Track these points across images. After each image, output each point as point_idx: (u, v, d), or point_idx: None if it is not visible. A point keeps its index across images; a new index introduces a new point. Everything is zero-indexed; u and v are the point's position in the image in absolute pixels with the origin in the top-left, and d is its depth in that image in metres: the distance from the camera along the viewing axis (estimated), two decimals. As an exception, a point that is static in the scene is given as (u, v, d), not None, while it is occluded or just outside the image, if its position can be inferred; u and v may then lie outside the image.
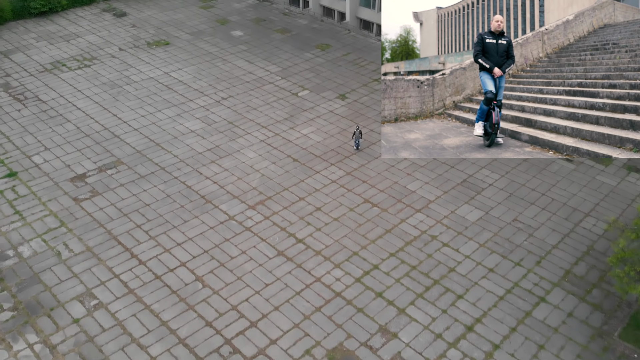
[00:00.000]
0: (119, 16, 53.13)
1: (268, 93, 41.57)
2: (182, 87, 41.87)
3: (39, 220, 28.72)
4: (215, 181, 32.12)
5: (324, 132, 37.09)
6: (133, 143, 35.30)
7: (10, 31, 49.53)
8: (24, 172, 32.23)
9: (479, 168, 33.56)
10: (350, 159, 34.31)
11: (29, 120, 37.10)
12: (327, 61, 46.44)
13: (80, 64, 44.53)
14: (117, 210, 29.65)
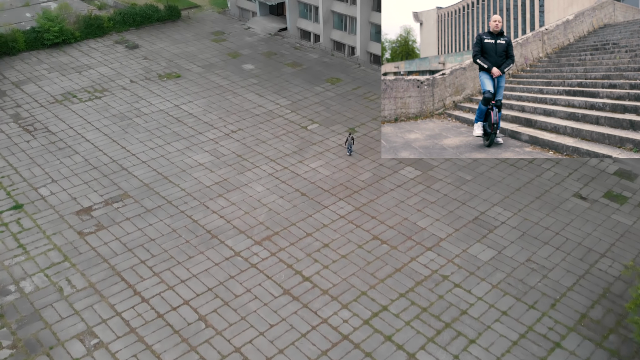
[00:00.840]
0: (131, 48, 53.63)
1: (277, 126, 41.39)
2: (192, 119, 41.82)
3: (42, 254, 28.31)
4: (222, 215, 31.66)
5: (332, 166, 36.67)
6: (141, 176, 35.04)
7: (23, 62, 50.07)
8: (29, 204, 31.97)
9: (491, 205, 32.86)
10: (360, 194, 33.78)
11: (38, 152, 37.05)
12: (337, 95, 46.34)
13: (91, 96, 44.74)
14: (122, 245, 29.19)
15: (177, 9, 60.54)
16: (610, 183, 35.02)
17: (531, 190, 34.27)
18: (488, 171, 36.14)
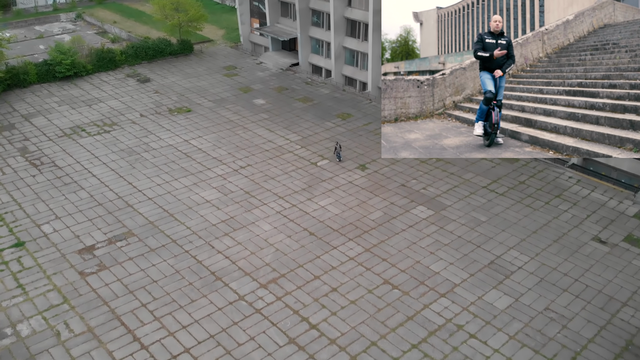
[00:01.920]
0: (142, 82, 53.63)
1: (287, 162, 40.67)
2: (200, 155, 41.24)
3: (41, 295, 27.43)
4: (227, 256, 30.69)
5: (342, 204, 35.73)
6: (146, 213, 34.30)
7: (34, 94, 50.12)
8: (31, 242, 31.25)
9: (507, 248, 31.62)
10: (370, 234, 32.71)
11: (43, 187, 36.53)
12: (348, 130, 45.69)
13: (100, 130, 44.44)
14: (123, 286, 28.24)
15: (190, 43, 60.77)
16: (631, 226, 33.69)
17: (548, 232, 33.02)
18: (503, 212, 34.99)
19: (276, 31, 58.92)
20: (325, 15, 54.46)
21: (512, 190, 37.34)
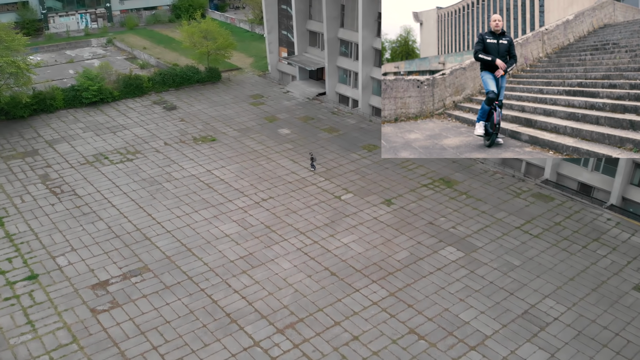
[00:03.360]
0: (169, 109, 53.31)
1: (310, 195, 39.40)
2: (222, 186, 40.28)
3: (50, 333, 26.39)
4: (244, 296, 29.32)
5: (366, 242, 34.17)
6: (163, 247, 33.28)
7: (60, 120, 50.13)
8: (45, 275, 30.43)
9: (542, 297, 29.55)
10: (395, 277, 31.01)
11: (61, 217, 35.89)
12: (374, 163, 44.31)
13: (122, 157, 43.95)
14: (135, 326, 27.05)
15: (218, 71, 60.55)
16: (678, 275, 31.31)
17: (586, 280, 30.84)
18: (538, 256, 32.95)
19: (304, 60, 58.30)
20: (354, 45, 53.65)
21: (547, 232, 35.30)
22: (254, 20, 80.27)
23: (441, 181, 41.58)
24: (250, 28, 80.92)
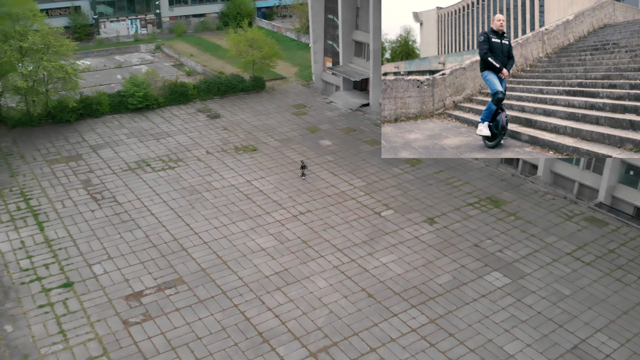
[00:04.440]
0: (212, 118, 53.27)
1: (349, 210, 38.31)
2: (261, 197, 39.66)
3: (81, 344, 26.14)
4: (277, 314, 28.44)
5: (406, 262, 32.81)
6: (199, 259, 32.80)
7: (105, 125, 50.71)
8: (80, 283, 30.35)
9: (594, 331, 27.55)
10: (436, 302, 29.54)
11: (100, 223, 35.94)
12: (417, 178, 42.86)
13: (164, 165, 43.95)
14: (166, 342, 26.53)
15: (262, 80, 60.32)
16: None
17: (645, 315, 28.65)
18: (590, 286, 30.89)
19: (348, 71, 57.38)
20: (400, 56, 52.31)
21: (600, 260, 33.12)
22: (300, 29, 79.99)
23: (488, 200, 39.80)
24: (297, 37, 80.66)
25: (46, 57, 45.07)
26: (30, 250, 32.72)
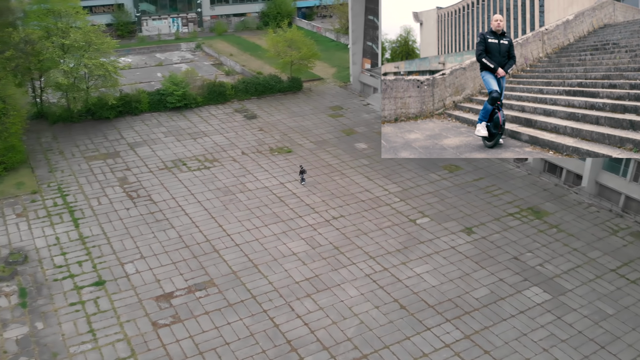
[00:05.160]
0: (249, 118, 53.13)
1: (383, 216, 37.46)
2: (294, 200, 39.20)
3: (110, 345, 26.14)
4: (307, 322, 27.89)
5: (441, 273, 31.80)
6: (231, 261, 32.54)
7: (143, 123, 51.13)
8: (112, 282, 30.45)
9: (637, 354, 26.01)
10: (472, 317, 28.48)
11: (135, 222, 36.09)
12: (455, 185, 41.68)
13: (200, 165, 43.95)
14: (194, 345, 26.29)
15: (300, 80, 59.92)
16: None
17: (696, 341, 26.93)
18: (635, 305, 29.32)
19: (387, 73, 56.34)
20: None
21: (648, 279, 31.44)
22: (339, 29, 79.30)
23: (529, 211, 38.35)
24: (336, 37, 80.00)
25: (87, 55, 45.63)
26: (64, 247, 33.06)
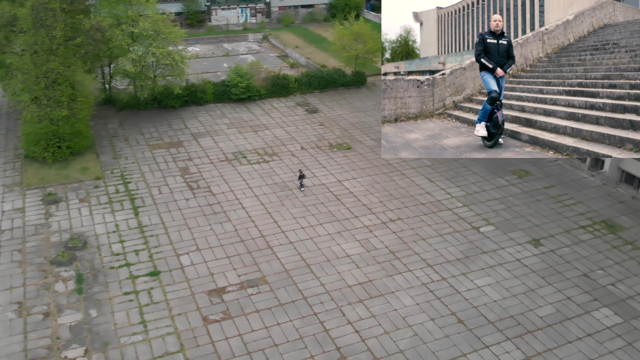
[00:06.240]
0: (310, 112, 52.49)
1: (444, 222, 35.90)
2: (351, 199, 38.24)
3: (160, 338, 26.17)
4: (357, 329, 26.95)
5: (504, 288, 30.05)
6: (284, 259, 32.03)
7: (207, 113, 51.44)
8: (167, 273, 30.57)
9: None
10: (534, 336, 26.69)
11: (193, 213, 36.21)
12: (523, 192, 39.46)
13: (260, 159, 43.71)
14: (243, 345, 25.92)
15: (364, 75, 58.70)
16: None
17: None
18: None
19: (456, 70, 54.31)
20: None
21: None
22: (409, 23, 77.17)
23: (603, 224, 35.75)
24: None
25: (155, 44, 46.19)
26: (123, 235, 33.55)
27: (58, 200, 36.79)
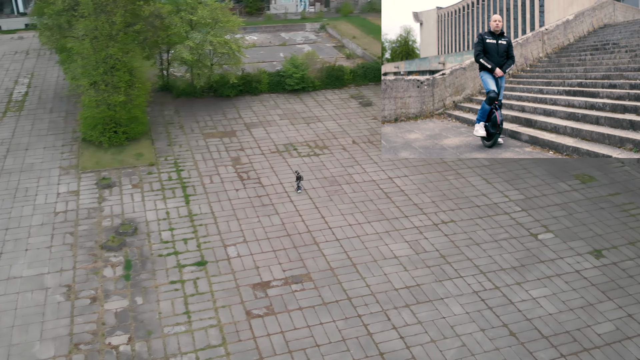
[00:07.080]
0: (364, 105, 51.54)
1: (499, 226, 34.37)
2: (401, 198, 37.19)
3: (203, 330, 26.13)
4: (403, 335, 26.09)
5: (561, 300, 28.46)
6: (330, 256, 31.45)
7: (261, 104, 51.30)
8: (213, 263, 30.55)
9: None
10: (591, 354, 25.14)
11: (242, 204, 36.10)
12: (587, 199, 37.35)
13: (310, 151, 43.21)
14: (284, 342, 25.56)
15: (421, 68, 57.05)
16: None
17: None
18: None
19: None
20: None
21: None
22: (471, 15, 74.69)
23: (672, 239, 33.37)
24: (466, 24, 75.49)
25: (212, 32, 46.24)
26: (173, 223, 33.78)
27: (112, 184, 37.46)
